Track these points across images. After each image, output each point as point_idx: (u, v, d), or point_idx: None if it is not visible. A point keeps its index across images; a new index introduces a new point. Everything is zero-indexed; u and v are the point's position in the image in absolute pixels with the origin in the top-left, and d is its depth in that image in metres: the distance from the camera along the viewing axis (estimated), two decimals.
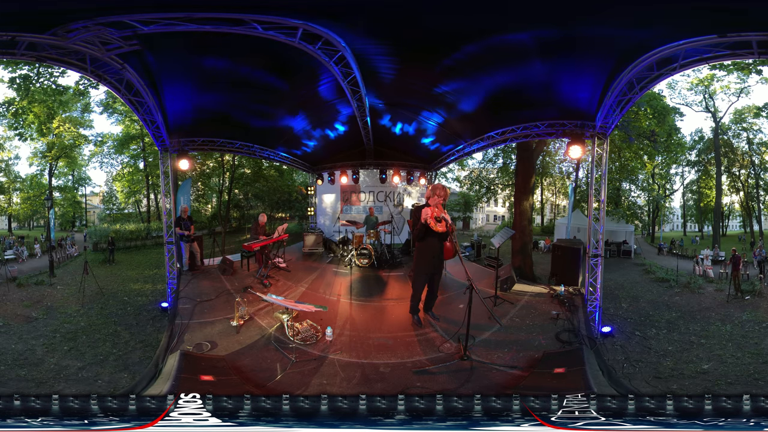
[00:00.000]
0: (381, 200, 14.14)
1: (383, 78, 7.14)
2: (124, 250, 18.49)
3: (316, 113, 9.35)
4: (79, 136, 22.18)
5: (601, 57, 5.66)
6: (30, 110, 19.74)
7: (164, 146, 8.05)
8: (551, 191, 30.76)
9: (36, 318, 8.42)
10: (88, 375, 5.80)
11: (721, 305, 10.07)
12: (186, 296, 7.48)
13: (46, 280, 12.13)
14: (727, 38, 4.72)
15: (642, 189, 23.86)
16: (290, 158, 12.83)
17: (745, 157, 22.72)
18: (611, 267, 14.73)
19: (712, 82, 20.91)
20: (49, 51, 5.12)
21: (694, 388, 5.49)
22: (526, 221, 13.13)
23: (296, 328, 5.75)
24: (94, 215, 26.61)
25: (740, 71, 18.59)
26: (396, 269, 9.57)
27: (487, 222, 36.90)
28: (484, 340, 5.61)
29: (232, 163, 23.16)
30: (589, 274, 7.34)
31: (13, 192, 21.88)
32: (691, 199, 27.37)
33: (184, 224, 9.09)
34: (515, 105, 7.68)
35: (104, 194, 25.88)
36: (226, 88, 7.19)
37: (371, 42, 5.76)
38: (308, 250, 12.21)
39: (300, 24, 4.90)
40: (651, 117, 18.23)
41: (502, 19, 5.03)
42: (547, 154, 23.36)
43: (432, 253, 5.69)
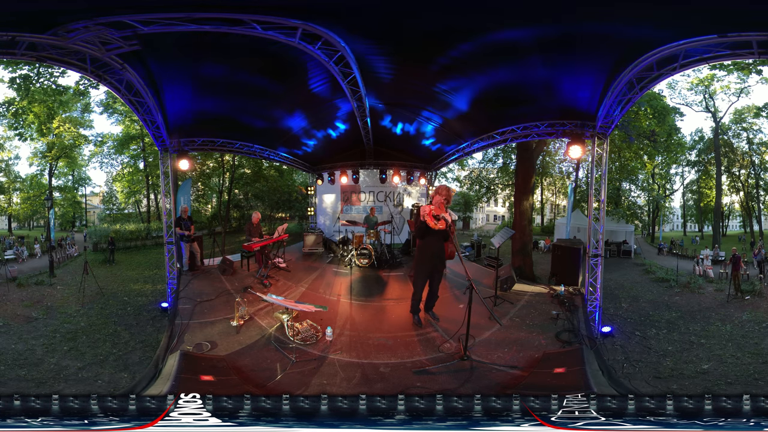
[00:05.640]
0: (381, 200, 14.15)
1: (383, 78, 7.14)
2: (124, 250, 18.50)
3: (316, 113, 9.35)
4: (79, 136, 22.22)
5: (601, 57, 5.65)
6: (30, 110, 19.77)
7: (164, 146, 8.05)
8: (551, 191, 30.79)
9: (36, 318, 8.42)
10: (88, 375, 5.80)
11: (721, 305, 10.06)
12: (186, 296, 7.48)
13: (46, 280, 12.13)
14: (727, 38, 4.72)
15: (642, 189, 23.90)
16: (290, 158, 12.84)
17: (745, 157, 22.75)
18: (611, 267, 14.73)
19: (712, 82, 20.95)
20: (49, 51, 5.12)
21: (694, 388, 5.49)
22: (526, 221, 13.13)
23: (296, 328, 5.74)
24: (94, 215, 26.64)
25: (740, 71, 18.63)
26: (396, 269, 9.56)
27: (487, 222, 36.94)
28: (484, 340, 5.61)
29: (232, 163, 23.19)
30: (589, 274, 7.34)
31: (13, 192, 21.91)
32: (691, 199, 27.41)
33: (184, 224, 9.08)
34: (515, 105, 7.69)
35: (104, 194, 25.91)
36: (226, 88, 7.19)
37: (371, 42, 5.77)
38: (308, 250, 12.21)
39: (299, 24, 4.90)
40: (651, 117, 18.25)
41: (498, 16, 5.01)
42: (547, 154, 23.38)
43: (432, 252, 5.68)
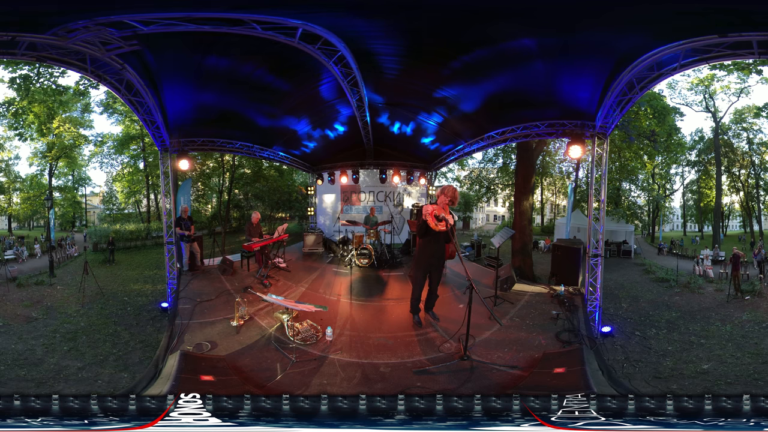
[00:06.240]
0: (381, 200, 14.14)
1: (384, 78, 7.14)
2: (124, 250, 18.50)
3: (317, 113, 9.35)
4: (79, 136, 22.21)
5: (601, 57, 5.66)
6: (30, 110, 19.77)
7: (164, 146, 8.05)
8: (551, 191, 30.78)
9: (36, 318, 8.43)
10: (88, 375, 5.80)
11: (721, 305, 10.06)
12: (186, 296, 7.48)
13: (46, 280, 12.14)
14: (727, 38, 4.71)
15: (642, 189, 23.89)
16: (290, 158, 12.83)
17: (745, 157, 22.74)
18: (611, 267, 14.73)
19: (713, 82, 20.94)
20: (49, 51, 5.12)
21: (694, 388, 5.49)
22: (526, 221, 13.13)
23: (296, 328, 5.74)
24: (94, 215, 26.62)
25: (740, 71, 18.62)
26: (396, 269, 9.56)
27: (487, 222, 36.93)
28: (484, 340, 5.61)
29: (232, 163, 23.18)
30: (589, 274, 7.34)
31: (13, 192, 21.89)
32: (691, 199, 27.39)
33: (184, 224, 9.08)
34: (515, 105, 7.69)
35: (104, 194, 25.89)
36: (227, 87, 7.18)
37: (371, 42, 5.77)
38: (308, 250, 12.21)
39: (299, 24, 4.90)
40: (651, 117, 18.25)
41: (507, 26, 5.08)
42: (547, 154, 23.40)
43: (432, 252, 5.68)
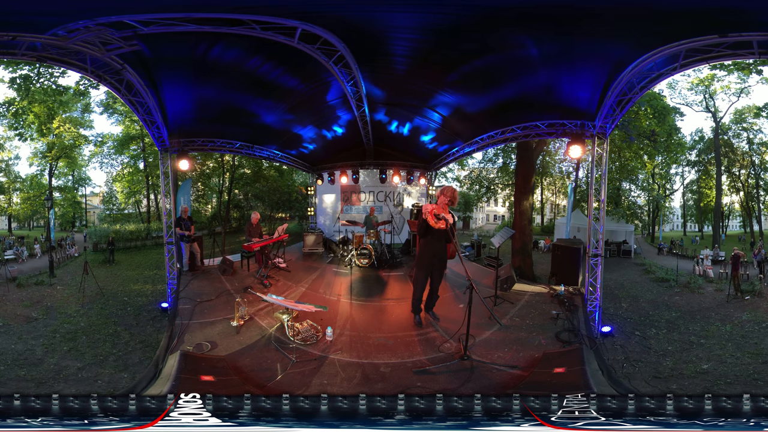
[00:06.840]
0: (381, 200, 14.14)
1: (385, 79, 7.15)
2: (124, 250, 18.47)
3: (317, 113, 9.35)
4: (79, 137, 22.17)
5: (601, 57, 5.66)
6: (30, 110, 19.74)
7: (164, 146, 8.05)
8: (551, 191, 30.76)
9: (36, 318, 8.42)
10: (88, 375, 5.80)
11: (721, 305, 10.05)
12: (186, 296, 7.48)
13: (46, 280, 12.12)
14: (727, 38, 4.72)
15: (642, 189, 23.86)
16: (290, 158, 12.83)
17: (745, 157, 22.71)
18: (611, 267, 14.72)
19: (713, 82, 20.90)
20: (49, 51, 5.13)
21: (694, 388, 5.48)
22: (526, 221, 13.13)
23: (296, 328, 5.74)
24: (94, 215, 26.60)
25: (741, 71, 18.59)
26: (396, 269, 9.56)
27: (487, 222, 36.89)
28: (484, 340, 5.61)
29: (232, 163, 23.17)
30: (589, 273, 7.34)
31: (13, 192, 21.87)
32: (691, 199, 27.36)
33: (185, 224, 9.08)
34: (515, 105, 7.69)
35: (104, 194, 25.86)
36: (227, 88, 7.19)
37: (373, 43, 5.77)
38: (308, 250, 12.21)
39: (298, 24, 4.90)
40: (651, 117, 18.23)
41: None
42: (547, 154, 23.39)
43: (433, 252, 5.68)
